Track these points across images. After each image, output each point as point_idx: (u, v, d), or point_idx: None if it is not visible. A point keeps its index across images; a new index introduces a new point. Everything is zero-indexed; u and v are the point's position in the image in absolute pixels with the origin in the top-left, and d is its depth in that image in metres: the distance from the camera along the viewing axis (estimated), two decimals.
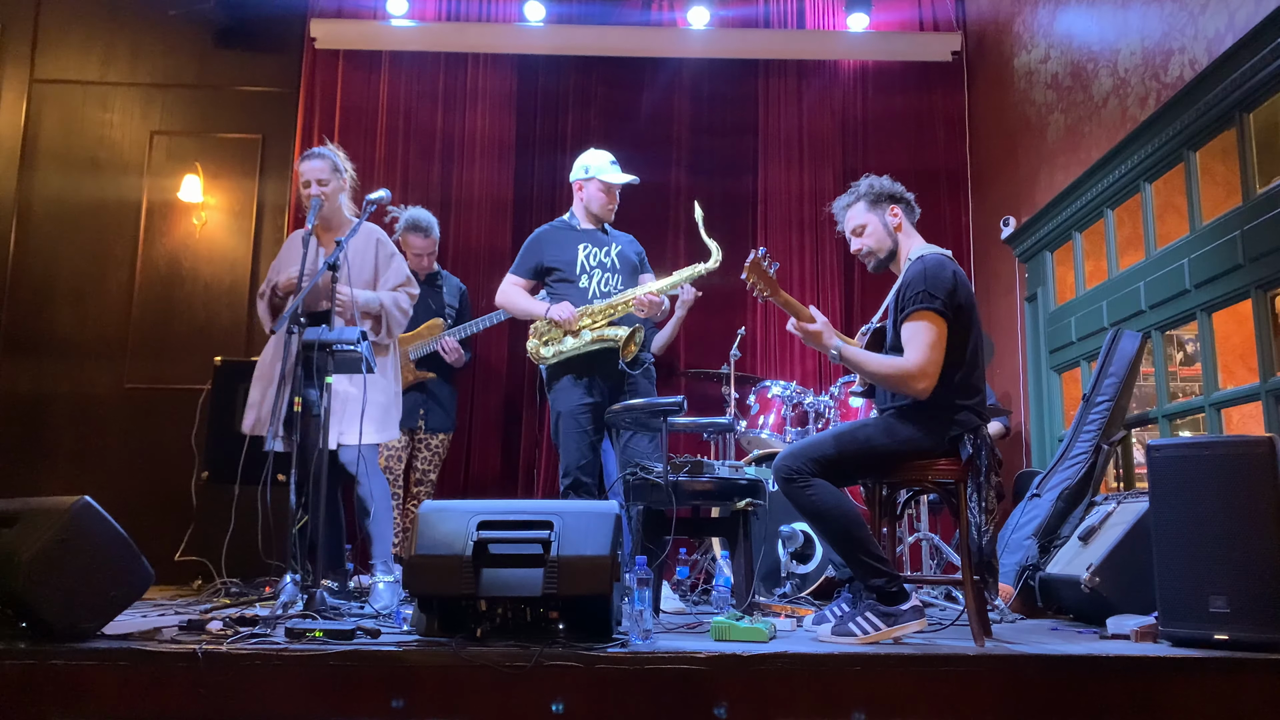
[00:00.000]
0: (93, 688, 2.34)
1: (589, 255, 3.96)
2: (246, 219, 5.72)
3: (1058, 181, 4.83)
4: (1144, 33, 4.14)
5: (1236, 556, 2.57)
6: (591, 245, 3.98)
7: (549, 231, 4.06)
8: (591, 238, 4.01)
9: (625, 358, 3.73)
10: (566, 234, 4.02)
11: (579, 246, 3.97)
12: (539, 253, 4.00)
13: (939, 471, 2.86)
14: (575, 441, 3.76)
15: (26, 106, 5.75)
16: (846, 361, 2.93)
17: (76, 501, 2.52)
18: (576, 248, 3.96)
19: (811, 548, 3.99)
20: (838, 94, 6.03)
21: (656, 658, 2.36)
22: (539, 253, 4.00)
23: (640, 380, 3.84)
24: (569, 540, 2.47)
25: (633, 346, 3.75)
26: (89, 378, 5.52)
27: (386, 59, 5.93)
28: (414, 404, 4.60)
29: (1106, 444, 3.94)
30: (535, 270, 4.00)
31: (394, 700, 2.33)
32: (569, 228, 4.04)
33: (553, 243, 4.00)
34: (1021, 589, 3.62)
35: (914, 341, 2.80)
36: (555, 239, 4.01)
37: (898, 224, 3.05)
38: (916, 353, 2.79)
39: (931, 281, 2.82)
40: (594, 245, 3.98)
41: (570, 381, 3.81)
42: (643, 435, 3.73)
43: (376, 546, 3.47)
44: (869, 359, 2.89)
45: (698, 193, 5.84)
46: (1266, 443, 2.61)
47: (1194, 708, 2.36)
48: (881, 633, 2.66)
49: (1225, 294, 3.62)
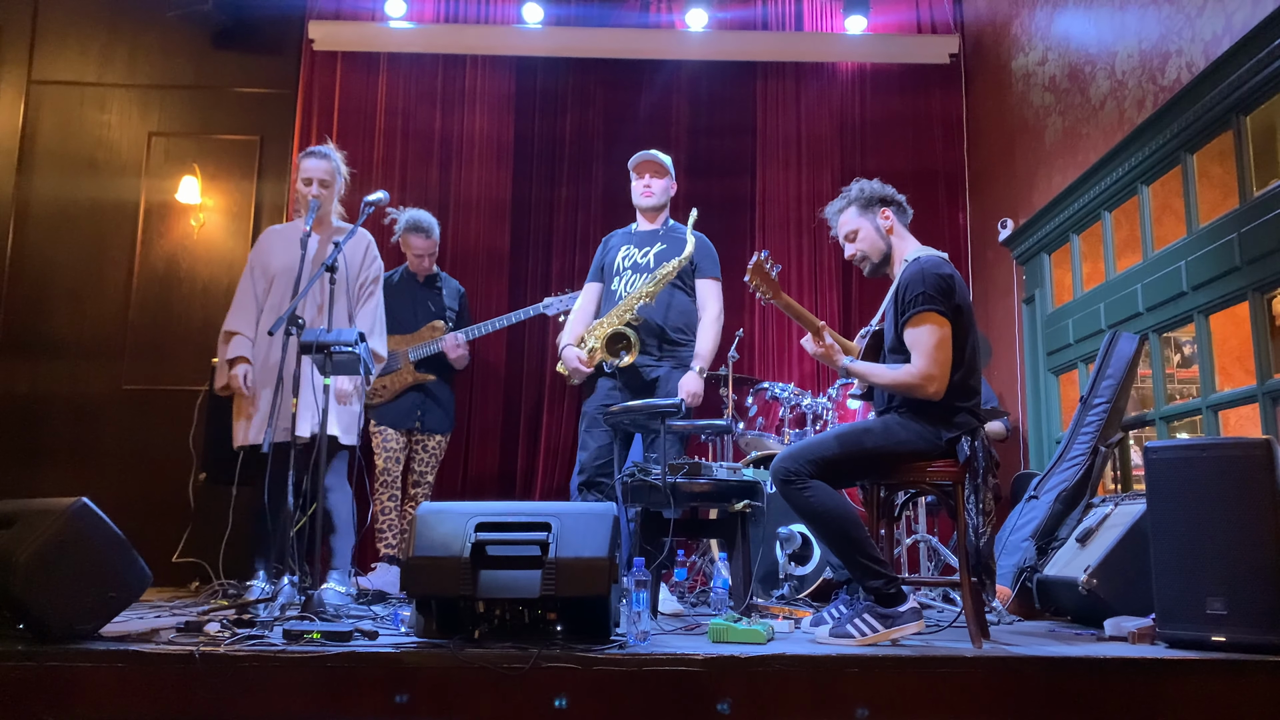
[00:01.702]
0: (90, 689, 2.33)
1: (626, 256, 3.96)
2: (244, 220, 5.71)
3: (1055, 184, 4.84)
4: (1141, 35, 4.15)
5: (1234, 558, 2.57)
6: (633, 246, 3.97)
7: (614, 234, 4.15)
8: (637, 238, 4.00)
9: (608, 361, 3.76)
10: (622, 236, 4.08)
11: (622, 248, 3.99)
12: (600, 255, 4.10)
13: (936, 473, 2.86)
14: (589, 440, 3.82)
15: (24, 107, 5.75)
16: (856, 376, 2.95)
17: (74, 503, 2.52)
18: (620, 249, 3.99)
19: (809, 549, 3.99)
20: (836, 96, 6.03)
21: (654, 659, 2.36)
22: (600, 255, 4.10)
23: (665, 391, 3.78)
24: (567, 542, 2.47)
25: (601, 353, 3.76)
26: (86, 378, 5.51)
27: (385, 61, 5.94)
28: (412, 405, 4.60)
29: (1104, 446, 3.94)
30: (597, 272, 4.08)
31: (392, 701, 2.33)
32: (626, 230, 4.09)
33: (607, 245, 4.10)
34: (1019, 590, 3.63)
35: (919, 345, 2.81)
36: (612, 241, 4.09)
37: (889, 227, 3.05)
38: (923, 356, 2.79)
39: (929, 283, 2.82)
40: (635, 246, 3.97)
41: (599, 382, 3.88)
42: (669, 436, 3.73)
43: (336, 559, 3.53)
44: (877, 371, 2.91)
45: (696, 194, 5.85)
46: (1263, 445, 2.61)
47: (1191, 709, 2.36)
48: (879, 634, 2.66)
49: (1222, 296, 3.63)
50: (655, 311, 3.83)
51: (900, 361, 2.87)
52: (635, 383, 3.82)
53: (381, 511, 4.49)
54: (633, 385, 3.82)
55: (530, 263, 5.79)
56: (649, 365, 3.82)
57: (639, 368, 3.80)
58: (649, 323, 3.82)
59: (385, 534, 4.49)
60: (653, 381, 3.82)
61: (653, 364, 3.83)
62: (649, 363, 3.82)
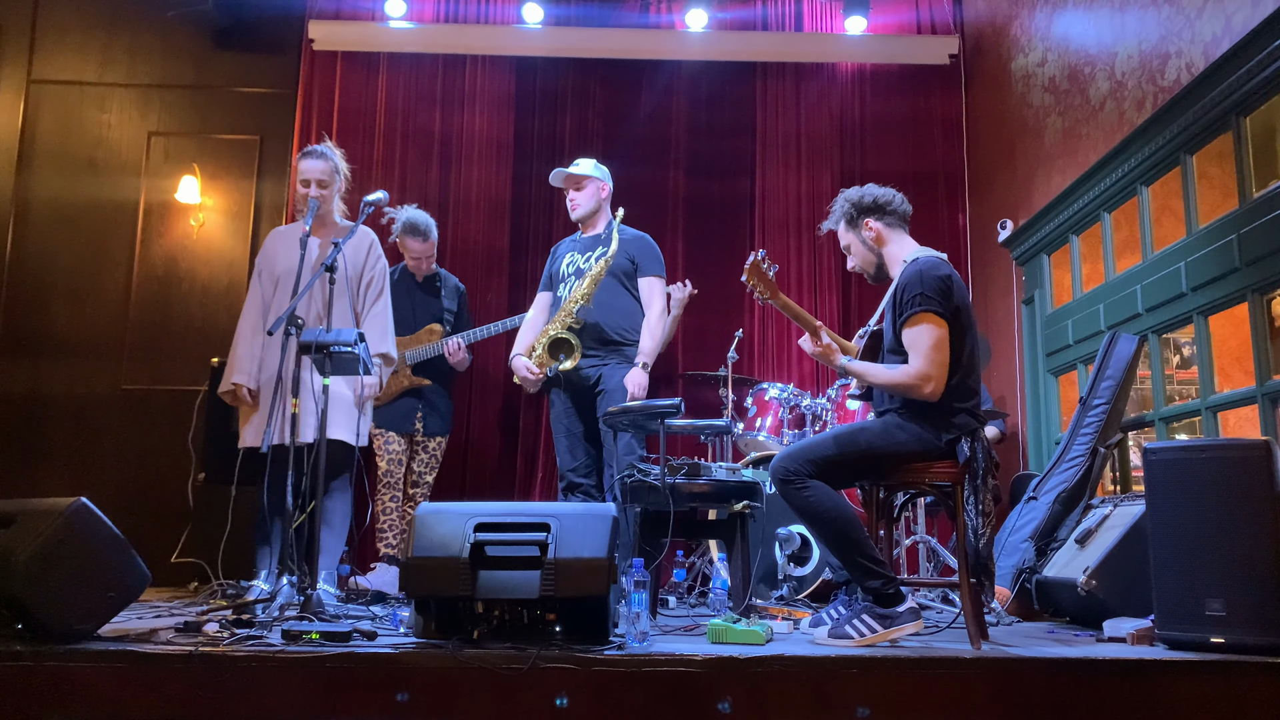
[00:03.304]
0: (88, 689, 2.33)
1: (570, 263, 4.05)
2: (244, 220, 5.71)
3: (1055, 184, 4.84)
4: (1141, 36, 4.15)
5: (1233, 559, 2.57)
6: (576, 253, 4.06)
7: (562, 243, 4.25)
8: (580, 244, 4.09)
9: (550, 366, 3.85)
10: (568, 244, 4.17)
11: (567, 256, 4.09)
12: (549, 264, 4.20)
13: (936, 474, 2.86)
14: (559, 446, 3.98)
15: (24, 107, 5.74)
16: (854, 375, 2.96)
17: (73, 503, 2.52)
18: (565, 257, 4.09)
19: (808, 550, 3.99)
20: (835, 96, 6.03)
21: (653, 660, 2.36)
22: (549, 264, 4.20)
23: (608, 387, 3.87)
24: (566, 542, 2.47)
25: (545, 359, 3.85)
26: (86, 378, 5.51)
27: (385, 60, 5.93)
28: (410, 409, 4.60)
29: (1103, 447, 3.94)
30: (547, 281, 4.18)
31: (391, 701, 2.33)
32: (572, 238, 4.18)
33: (555, 254, 4.21)
34: (1018, 592, 3.63)
35: (917, 345, 2.81)
36: (560, 250, 4.20)
37: (874, 236, 3.05)
38: (920, 357, 2.80)
39: (928, 283, 2.83)
40: (579, 252, 4.05)
41: (552, 392, 4.02)
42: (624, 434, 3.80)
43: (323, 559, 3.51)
44: (875, 371, 2.91)
45: (695, 194, 5.87)
46: (1263, 446, 2.61)
47: (1190, 710, 2.36)
48: (878, 635, 2.66)
49: (1222, 297, 3.63)
50: (595, 313, 3.91)
51: (899, 362, 2.87)
52: (578, 384, 3.91)
53: (383, 511, 4.49)
54: (576, 388, 3.92)
55: (530, 263, 5.79)
56: (592, 366, 3.91)
57: (581, 369, 3.88)
58: (590, 325, 3.90)
59: (386, 534, 4.49)
60: (596, 381, 3.90)
61: (596, 364, 3.91)
62: (592, 364, 3.91)
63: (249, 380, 3.60)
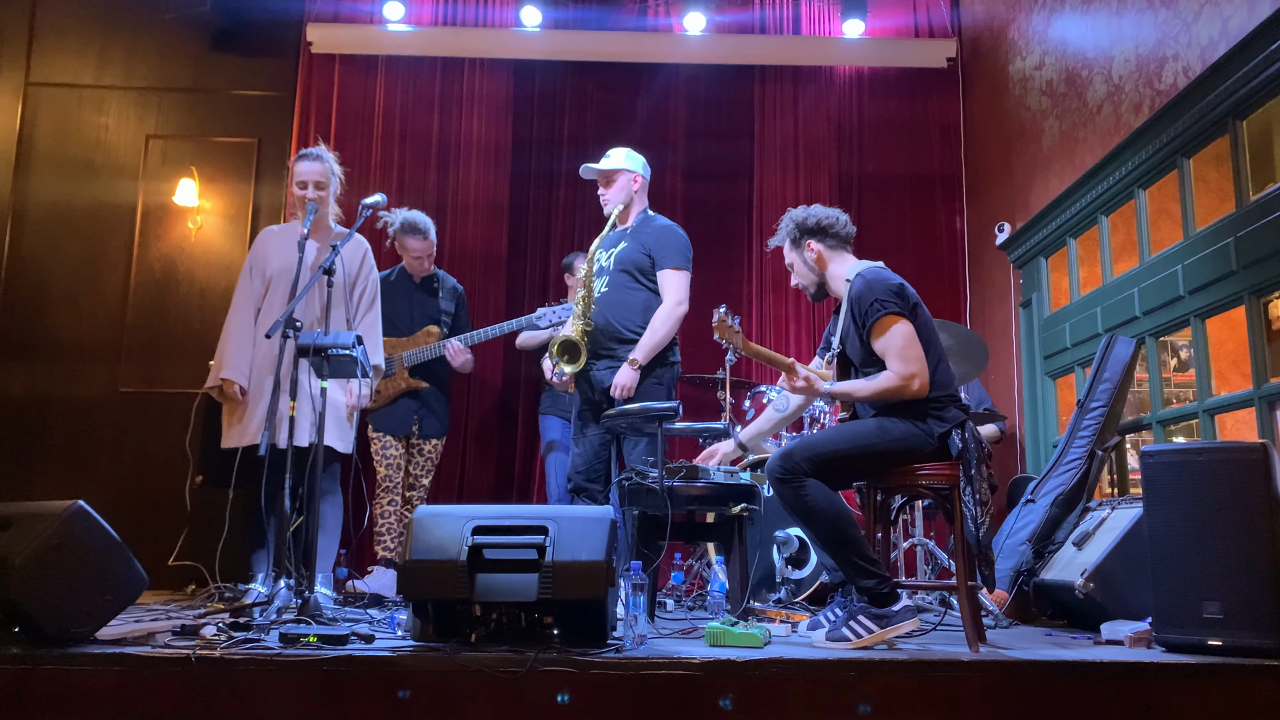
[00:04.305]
0: (86, 693, 2.32)
1: (595, 261, 3.88)
2: (242, 223, 5.71)
3: (1052, 188, 4.84)
4: (1138, 40, 4.16)
5: (1230, 562, 2.57)
6: (602, 250, 3.89)
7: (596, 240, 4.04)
8: (607, 240, 3.90)
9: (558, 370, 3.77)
10: (599, 242, 3.90)
11: (598, 252, 3.88)
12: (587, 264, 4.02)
13: (932, 476, 2.88)
14: (575, 447, 3.87)
15: (21, 109, 5.74)
16: (839, 397, 2.99)
17: (70, 505, 2.52)
18: (596, 253, 3.88)
19: (806, 553, 3.99)
20: (833, 100, 6.04)
21: (651, 663, 2.36)
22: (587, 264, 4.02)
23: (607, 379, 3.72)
24: (564, 545, 2.47)
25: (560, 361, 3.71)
26: (83, 381, 5.50)
27: (383, 63, 5.93)
28: (407, 411, 4.59)
29: (1101, 450, 3.95)
30: None
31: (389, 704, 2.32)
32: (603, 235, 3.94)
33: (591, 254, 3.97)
34: (1016, 594, 3.63)
35: (889, 348, 2.87)
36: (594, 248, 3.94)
37: (815, 257, 3.13)
38: (897, 358, 2.85)
39: (878, 290, 2.90)
40: (604, 249, 3.90)
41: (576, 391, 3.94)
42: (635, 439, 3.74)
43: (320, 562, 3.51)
44: (860, 385, 2.94)
45: (694, 197, 5.87)
46: (1260, 449, 2.62)
47: (1188, 713, 2.36)
48: (875, 635, 2.67)
49: (1219, 300, 3.63)
50: (606, 312, 3.77)
51: (875, 374, 2.91)
52: (593, 385, 3.79)
53: (381, 515, 4.48)
54: (586, 388, 3.82)
55: (528, 265, 5.80)
56: (606, 367, 3.75)
57: (594, 370, 3.77)
58: (601, 325, 3.77)
59: (384, 537, 4.48)
60: (600, 380, 3.78)
61: (610, 364, 3.74)
62: (606, 364, 3.76)
63: (240, 377, 3.60)
